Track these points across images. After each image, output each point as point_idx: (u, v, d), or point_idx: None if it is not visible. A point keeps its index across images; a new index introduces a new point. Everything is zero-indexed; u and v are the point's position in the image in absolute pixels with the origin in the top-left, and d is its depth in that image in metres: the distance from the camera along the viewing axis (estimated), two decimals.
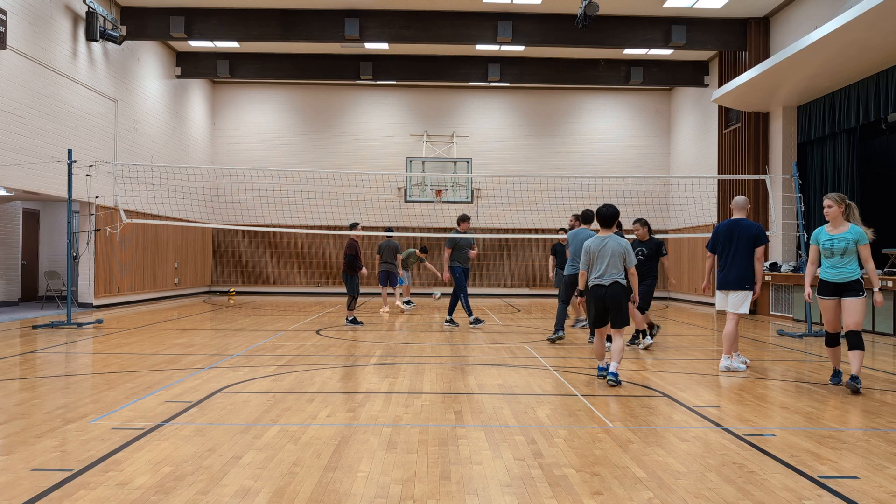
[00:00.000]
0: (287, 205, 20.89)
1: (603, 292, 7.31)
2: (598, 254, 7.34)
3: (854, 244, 6.93)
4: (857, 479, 4.29)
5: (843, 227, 7.01)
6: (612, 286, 7.28)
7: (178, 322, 13.72)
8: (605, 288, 7.29)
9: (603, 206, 7.50)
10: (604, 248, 7.32)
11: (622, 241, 7.33)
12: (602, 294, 7.31)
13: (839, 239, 6.96)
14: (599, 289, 7.34)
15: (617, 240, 7.34)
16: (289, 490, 3.96)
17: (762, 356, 9.73)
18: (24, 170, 13.53)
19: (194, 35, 17.42)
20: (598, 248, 7.36)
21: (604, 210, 7.49)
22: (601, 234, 7.45)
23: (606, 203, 7.53)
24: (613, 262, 7.28)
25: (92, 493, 3.85)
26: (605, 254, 7.30)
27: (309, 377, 7.59)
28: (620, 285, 7.27)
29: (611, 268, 7.28)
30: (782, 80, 14.73)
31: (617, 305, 7.25)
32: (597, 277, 7.36)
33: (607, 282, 7.27)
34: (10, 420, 5.50)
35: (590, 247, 7.45)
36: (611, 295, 7.27)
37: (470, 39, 17.46)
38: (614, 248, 7.30)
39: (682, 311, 18.88)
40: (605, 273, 7.28)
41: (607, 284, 7.27)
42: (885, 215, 14.88)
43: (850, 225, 7.01)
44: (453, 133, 23.94)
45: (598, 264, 7.35)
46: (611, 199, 20.72)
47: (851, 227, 6.99)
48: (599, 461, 4.58)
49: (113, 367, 8.12)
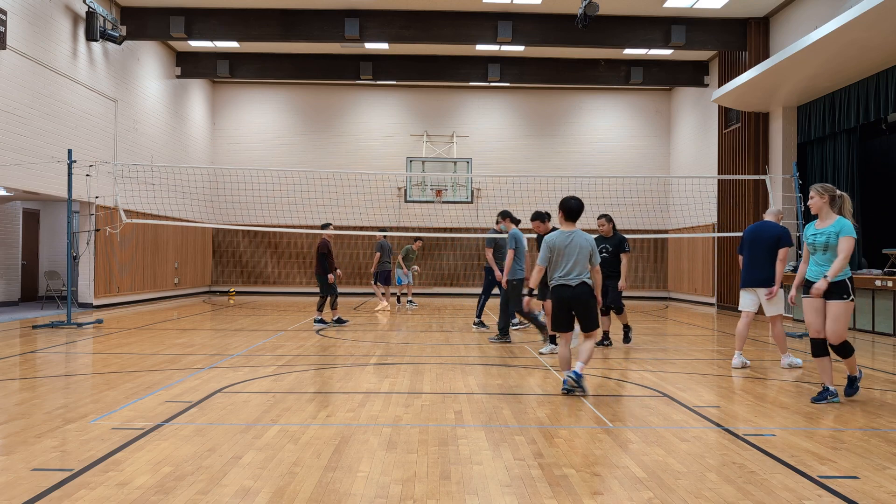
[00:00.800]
0: (287, 205, 20.89)
1: (569, 293, 6.66)
2: (564, 251, 6.67)
3: (836, 237, 6.26)
4: (857, 479, 4.29)
5: (830, 219, 6.37)
6: (580, 287, 6.64)
7: (178, 322, 13.72)
8: (570, 288, 6.64)
9: (569, 197, 6.85)
10: (570, 245, 6.66)
11: (589, 237, 6.75)
12: (568, 295, 6.67)
13: (821, 233, 6.35)
14: (564, 289, 6.68)
15: (584, 235, 6.74)
16: (289, 490, 3.96)
17: (762, 356, 9.72)
18: (24, 170, 13.53)
19: (194, 35, 17.42)
20: (563, 245, 6.69)
21: (571, 203, 6.82)
22: (565, 229, 6.80)
23: (572, 195, 6.93)
24: (580, 260, 6.64)
25: (92, 493, 3.85)
26: (572, 251, 6.65)
27: (309, 377, 7.59)
28: (588, 286, 6.68)
29: (577, 266, 6.64)
30: (782, 80, 14.73)
31: (585, 307, 6.66)
32: (561, 277, 6.69)
33: (574, 282, 6.63)
34: (10, 420, 5.50)
35: (553, 242, 6.74)
36: (578, 296, 6.64)
37: (470, 39, 17.46)
38: (581, 244, 6.67)
39: (682, 311, 18.88)
40: (572, 272, 6.64)
41: (574, 285, 6.63)
42: (886, 215, 14.89)
43: (838, 218, 6.35)
44: (453, 133, 23.94)
45: (562, 262, 6.68)
46: (611, 199, 20.78)
47: (837, 220, 6.33)
48: (599, 461, 4.58)
49: (113, 367, 8.12)
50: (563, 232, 6.75)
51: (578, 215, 6.81)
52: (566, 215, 6.80)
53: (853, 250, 6.34)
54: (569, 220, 6.81)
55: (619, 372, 8.17)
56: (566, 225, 6.81)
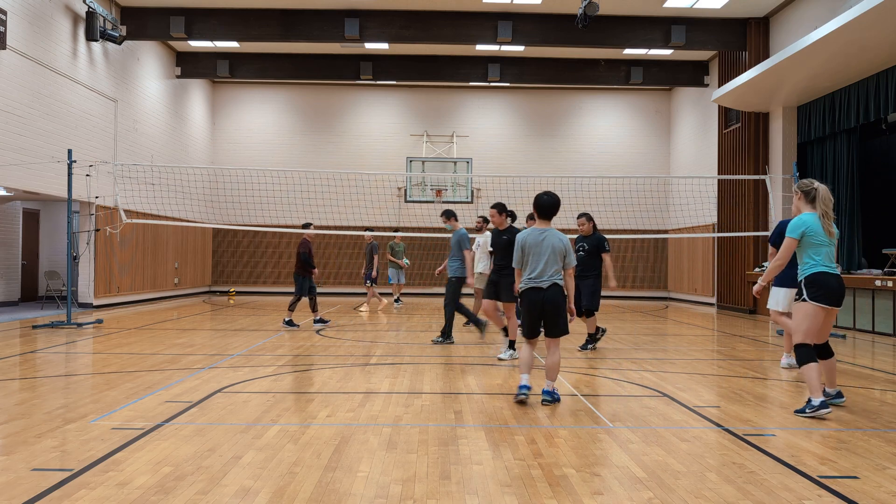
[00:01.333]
0: (287, 205, 20.89)
1: (540, 296, 6.20)
2: (535, 250, 6.23)
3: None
4: (857, 479, 4.29)
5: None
6: (551, 289, 6.18)
7: (178, 322, 13.72)
8: (542, 291, 6.19)
9: (543, 193, 6.36)
10: (542, 244, 6.21)
11: (563, 236, 6.30)
12: (539, 298, 6.21)
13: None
14: (535, 292, 6.23)
15: (557, 234, 6.28)
16: (289, 490, 3.96)
17: (762, 356, 9.73)
18: (24, 170, 13.52)
19: (194, 35, 17.43)
20: (535, 243, 6.24)
21: (544, 199, 6.33)
22: (538, 227, 6.35)
23: (546, 190, 6.41)
24: (552, 261, 6.18)
25: (92, 493, 3.85)
26: (544, 250, 6.19)
27: (309, 377, 7.59)
28: (560, 287, 6.23)
29: (549, 267, 6.18)
30: (782, 80, 14.73)
31: (556, 312, 6.19)
32: (532, 278, 6.24)
33: (545, 284, 6.18)
34: (10, 420, 5.50)
35: (525, 241, 6.29)
36: (549, 299, 6.18)
37: (470, 39, 17.46)
38: (554, 243, 6.22)
39: (682, 311, 18.88)
40: (543, 273, 6.19)
41: (545, 287, 6.18)
42: (885, 215, 14.89)
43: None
44: (453, 133, 23.94)
45: (533, 262, 6.23)
46: (611, 199, 20.80)
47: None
48: (599, 461, 4.58)
49: (113, 367, 8.12)
50: (535, 229, 6.32)
51: (553, 212, 6.34)
52: (540, 212, 6.35)
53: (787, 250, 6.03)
54: (542, 217, 6.36)
55: (619, 372, 8.17)
56: (540, 223, 6.37)
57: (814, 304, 5.88)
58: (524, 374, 6.35)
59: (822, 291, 5.87)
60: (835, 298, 5.92)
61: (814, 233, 5.92)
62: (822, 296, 5.88)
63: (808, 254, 5.95)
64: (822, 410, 5.76)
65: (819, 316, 5.91)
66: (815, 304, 5.88)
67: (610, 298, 23.19)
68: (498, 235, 9.12)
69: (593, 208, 20.19)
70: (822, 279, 5.88)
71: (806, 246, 5.95)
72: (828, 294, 5.88)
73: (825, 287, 5.87)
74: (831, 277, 5.90)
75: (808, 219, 5.97)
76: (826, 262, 5.94)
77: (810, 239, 5.92)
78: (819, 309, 5.89)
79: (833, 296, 5.91)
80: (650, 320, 15.74)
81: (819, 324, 5.95)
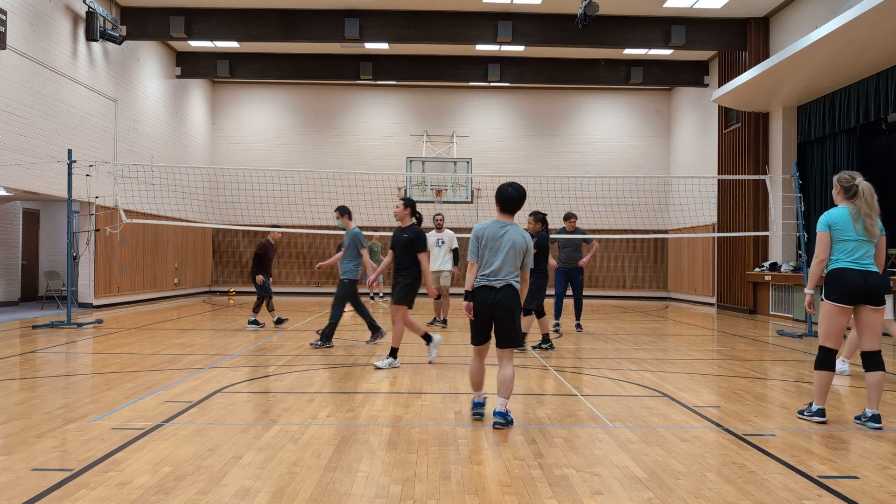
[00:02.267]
0: (287, 205, 20.88)
1: (492, 297, 5.54)
2: (493, 244, 5.57)
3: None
4: (857, 479, 4.29)
5: None
6: (505, 290, 5.54)
7: (178, 322, 13.72)
8: (495, 291, 5.54)
9: (507, 184, 5.72)
10: (502, 238, 5.57)
11: (525, 233, 5.67)
12: (491, 300, 5.55)
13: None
14: (488, 292, 5.56)
15: (520, 231, 5.65)
16: (289, 490, 3.96)
17: (762, 356, 9.73)
18: (24, 170, 13.52)
19: (194, 35, 17.42)
20: (493, 237, 5.58)
21: (508, 190, 5.68)
22: (500, 220, 5.69)
23: (511, 182, 5.78)
24: (511, 259, 5.56)
25: (92, 493, 3.85)
26: (503, 245, 5.56)
27: (309, 377, 7.59)
28: (514, 289, 5.59)
29: (506, 265, 5.55)
30: (782, 80, 14.73)
31: (509, 316, 5.56)
32: (486, 276, 5.58)
33: (499, 283, 5.55)
34: (10, 420, 5.50)
35: (483, 233, 5.61)
36: (501, 302, 5.53)
37: (470, 39, 17.46)
38: (515, 239, 5.57)
39: (682, 310, 18.88)
40: (499, 271, 5.55)
41: (499, 287, 5.55)
42: (885, 215, 14.85)
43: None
44: (453, 133, 23.94)
45: (490, 258, 5.58)
46: (611, 199, 20.80)
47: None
48: (599, 461, 4.58)
49: (113, 367, 8.12)
50: (496, 222, 5.66)
51: (518, 206, 5.71)
52: (502, 205, 5.70)
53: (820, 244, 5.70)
54: (505, 211, 5.71)
55: (619, 372, 8.17)
56: (502, 216, 5.71)
57: (829, 303, 5.58)
58: (477, 391, 5.77)
59: (836, 288, 5.53)
60: (855, 297, 5.49)
61: (841, 227, 5.60)
62: (836, 293, 5.53)
63: (833, 250, 5.63)
64: (816, 418, 5.68)
65: (837, 316, 5.54)
66: (830, 302, 5.57)
67: (610, 298, 23.19)
68: (399, 233, 8.44)
69: (593, 208, 20.24)
70: (839, 276, 5.54)
71: (832, 241, 5.63)
72: (843, 291, 5.50)
73: (840, 283, 5.51)
74: (854, 274, 5.50)
75: (835, 213, 5.69)
76: (850, 257, 5.56)
77: (836, 234, 5.61)
78: (835, 308, 5.54)
79: (851, 293, 5.49)
80: (650, 320, 15.74)
81: (838, 325, 5.57)
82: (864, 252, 5.57)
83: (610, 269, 23.83)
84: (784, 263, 16.04)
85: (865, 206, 5.60)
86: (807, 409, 5.82)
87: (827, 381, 5.64)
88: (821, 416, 5.68)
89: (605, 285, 23.79)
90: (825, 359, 5.64)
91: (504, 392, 5.55)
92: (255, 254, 12.59)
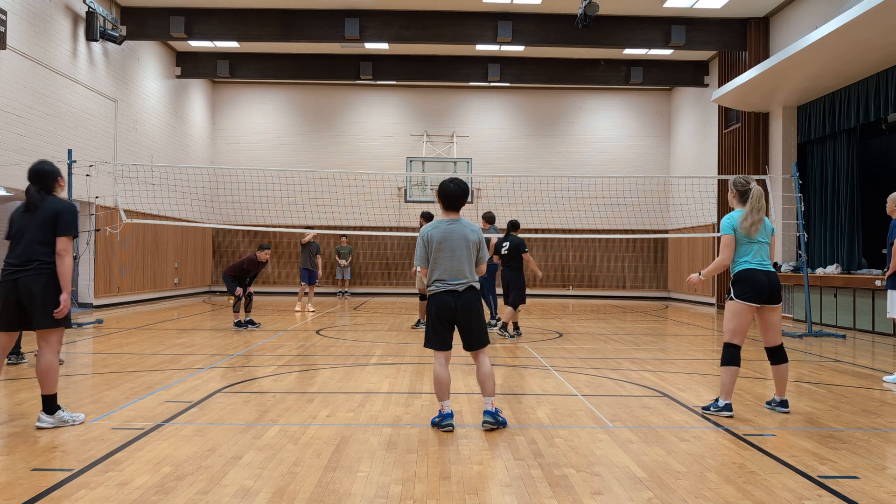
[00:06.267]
0: (287, 205, 20.88)
1: (454, 301, 5.31)
2: (446, 244, 5.34)
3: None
4: (857, 479, 4.29)
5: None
6: (468, 292, 5.34)
7: (178, 322, 13.72)
8: (457, 295, 5.31)
9: (448, 180, 5.48)
10: (453, 236, 5.33)
11: (476, 227, 5.48)
12: (454, 303, 5.31)
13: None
14: (450, 296, 5.31)
15: (469, 226, 5.45)
16: (289, 490, 3.96)
17: (762, 356, 9.71)
18: (23, 170, 13.43)
19: (194, 35, 17.42)
20: (441, 237, 5.34)
21: (450, 187, 5.44)
22: (445, 218, 5.48)
23: (453, 177, 5.55)
24: (466, 257, 5.34)
25: (92, 493, 3.85)
26: (455, 244, 5.32)
27: (309, 377, 7.59)
28: (476, 290, 5.42)
29: (463, 265, 5.32)
30: (782, 80, 14.73)
31: (475, 319, 5.37)
32: (443, 280, 5.33)
33: (461, 286, 5.32)
34: (10, 420, 5.50)
35: (430, 235, 5.38)
36: (467, 305, 5.33)
37: (470, 39, 17.46)
38: (467, 234, 5.37)
39: (682, 310, 18.88)
40: (458, 274, 5.32)
41: (461, 290, 5.32)
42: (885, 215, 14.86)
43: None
44: (453, 133, 23.94)
45: (443, 259, 5.33)
46: (611, 199, 20.80)
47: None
48: (599, 461, 4.58)
49: (113, 367, 8.12)
50: (442, 221, 5.45)
51: (461, 202, 5.48)
52: (445, 203, 5.46)
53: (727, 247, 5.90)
54: (449, 209, 5.46)
55: (619, 372, 8.17)
56: (447, 214, 5.48)
57: (739, 303, 5.82)
58: (444, 401, 5.36)
59: (746, 289, 5.80)
60: (763, 296, 5.80)
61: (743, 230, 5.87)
62: (747, 293, 5.79)
63: (738, 252, 5.88)
64: (725, 413, 5.86)
65: (746, 314, 5.82)
66: (741, 301, 5.81)
67: (610, 299, 23.20)
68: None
69: (593, 208, 20.24)
70: (748, 276, 5.80)
71: (736, 244, 5.89)
72: (753, 292, 5.78)
73: (750, 284, 5.78)
74: (760, 275, 5.80)
75: (737, 216, 5.91)
76: (755, 259, 5.85)
77: (739, 237, 5.87)
78: (745, 307, 5.80)
79: (760, 293, 5.79)
80: (650, 320, 15.74)
81: (746, 323, 5.85)
82: (765, 253, 5.94)
83: (610, 269, 23.84)
84: (784, 263, 16.04)
85: (749, 209, 5.87)
86: (713, 405, 5.99)
87: (734, 376, 5.89)
88: (728, 411, 5.88)
89: (605, 285, 23.80)
90: (732, 355, 5.90)
91: (488, 390, 5.41)
92: (241, 267, 12.42)
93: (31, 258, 5.25)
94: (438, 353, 5.45)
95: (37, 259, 5.25)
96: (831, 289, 13.81)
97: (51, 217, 5.32)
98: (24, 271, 5.23)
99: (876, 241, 14.45)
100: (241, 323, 12.45)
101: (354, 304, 19.41)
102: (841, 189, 15.11)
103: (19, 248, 5.31)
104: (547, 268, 23.07)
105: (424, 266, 5.44)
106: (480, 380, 5.48)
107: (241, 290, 12.38)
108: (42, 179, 5.57)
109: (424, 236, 5.41)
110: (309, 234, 15.76)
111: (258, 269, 12.63)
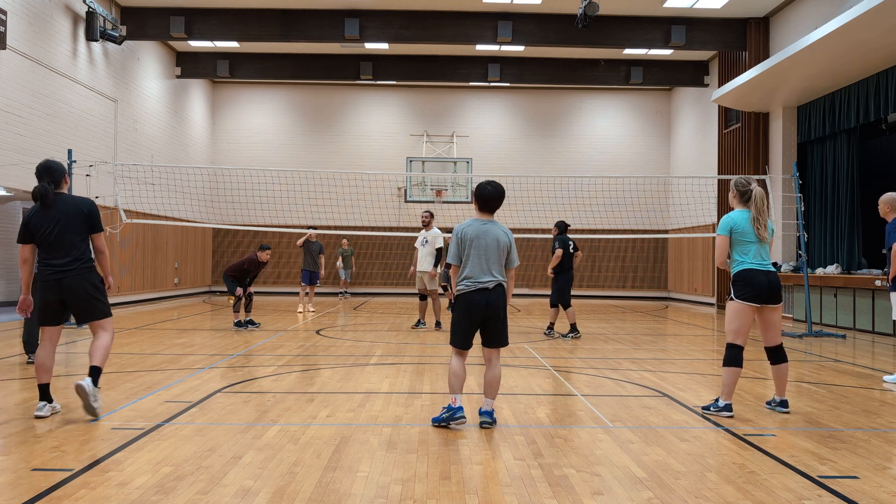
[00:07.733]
0: (287, 205, 20.88)
1: (485, 299, 5.37)
2: (479, 242, 5.41)
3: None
4: (857, 479, 4.29)
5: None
6: (497, 290, 5.41)
7: (178, 322, 13.72)
8: (487, 293, 5.37)
9: (486, 182, 5.57)
10: (486, 236, 5.42)
11: (507, 230, 5.56)
12: (484, 302, 5.37)
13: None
14: (481, 294, 5.38)
15: (502, 228, 5.52)
16: (289, 490, 3.95)
17: (762, 356, 9.71)
18: (24, 170, 13.51)
19: (194, 35, 17.43)
20: (475, 235, 5.42)
21: (488, 189, 5.53)
22: (480, 219, 5.56)
23: (490, 180, 5.64)
24: (496, 258, 5.42)
25: (92, 493, 3.85)
26: (488, 244, 5.41)
27: (309, 377, 7.59)
28: (504, 289, 5.47)
29: (494, 264, 5.42)
30: (782, 80, 14.73)
31: (503, 317, 5.45)
32: (474, 279, 5.39)
33: (491, 283, 5.39)
34: (10, 420, 5.50)
35: (465, 233, 5.46)
36: (494, 303, 5.39)
37: (470, 39, 17.46)
38: (499, 237, 5.45)
39: (682, 310, 18.88)
40: (488, 270, 5.40)
41: (491, 287, 5.38)
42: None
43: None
44: (453, 133, 23.94)
45: (475, 258, 5.41)
46: (611, 199, 20.80)
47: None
48: (599, 461, 4.58)
49: (113, 367, 8.12)
50: (476, 220, 5.54)
51: (497, 205, 5.58)
52: (481, 204, 5.56)
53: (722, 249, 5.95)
54: (484, 210, 5.57)
55: (619, 372, 8.17)
56: (482, 215, 5.58)
57: (740, 303, 5.82)
58: (457, 394, 5.45)
59: (746, 289, 5.80)
60: (763, 296, 5.79)
61: (742, 230, 5.86)
62: (747, 293, 5.79)
63: (736, 251, 5.90)
64: (725, 413, 5.85)
65: (747, 315, 5.83)
66: (742, 302, 5.81)
67: (610, 299, 23.20)
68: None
69: (593, 208, 20.24)
70: (748, 276, 5.80)
71: (734, 244, 5.90)
72: (753, 292, 5.78)
73: (750, 284, 5.79)
74: (760, 274, 5.81)
75: (736, 216, 5.92)
76: (755, 259, 5.85)
77: (738, 237, 5.87)
78: (746, 307, 5.81)
79: (760, 293, 5.79)
80: (650, 320, 15.74)
81: (748, 323, 5.86)
82: (764, 253, 5.93)
83: (610, 269, 23.84)
84: (784, 263, 16.04)
85: (755, 211, 5.87)
86: (713, 405, 5.98)
87: (735, 377, 5.88)
88: (728, 412, 5.87)
89: (605, 285, 23.80)
90: (735, 356, 5.90)
91: (492, 393, 5.52)
92: (242, 267, 12.40)
93: (74, 258, 5.60)
94: (459, 350, 5.55)
95: (78, 258, 5.63)
96: (831, 289, 13.81)
97: (82, 216, 5.72)
98: (68, 272, 5.57)
99: (876, 241, 14.45)
100: (241, 323, 12.44)
101: (354, 304, 19.41)
102: (841, 189, 15.11)
103: (60, 250, 5.58)
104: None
105: (458, 264, 5.49)
106: (487, 380, 5.51)
107: (241, 290, 12.39)
108: (51, 174, 5.75)
109: (459, 233, 5.49)
110: (304, 236, 15.70)
111: (258, 269, 12.62)
